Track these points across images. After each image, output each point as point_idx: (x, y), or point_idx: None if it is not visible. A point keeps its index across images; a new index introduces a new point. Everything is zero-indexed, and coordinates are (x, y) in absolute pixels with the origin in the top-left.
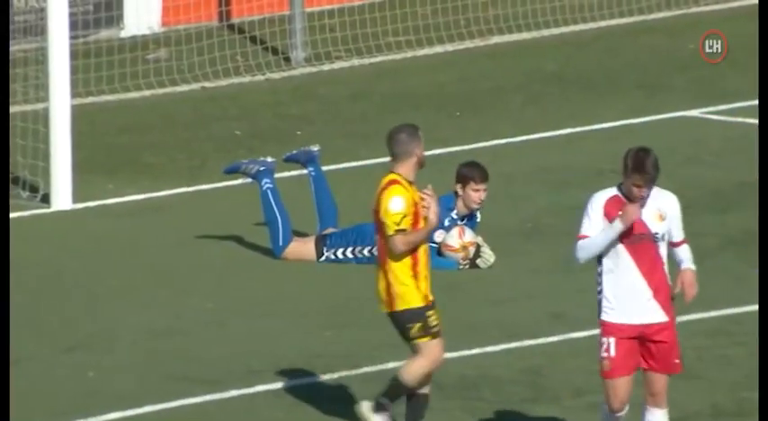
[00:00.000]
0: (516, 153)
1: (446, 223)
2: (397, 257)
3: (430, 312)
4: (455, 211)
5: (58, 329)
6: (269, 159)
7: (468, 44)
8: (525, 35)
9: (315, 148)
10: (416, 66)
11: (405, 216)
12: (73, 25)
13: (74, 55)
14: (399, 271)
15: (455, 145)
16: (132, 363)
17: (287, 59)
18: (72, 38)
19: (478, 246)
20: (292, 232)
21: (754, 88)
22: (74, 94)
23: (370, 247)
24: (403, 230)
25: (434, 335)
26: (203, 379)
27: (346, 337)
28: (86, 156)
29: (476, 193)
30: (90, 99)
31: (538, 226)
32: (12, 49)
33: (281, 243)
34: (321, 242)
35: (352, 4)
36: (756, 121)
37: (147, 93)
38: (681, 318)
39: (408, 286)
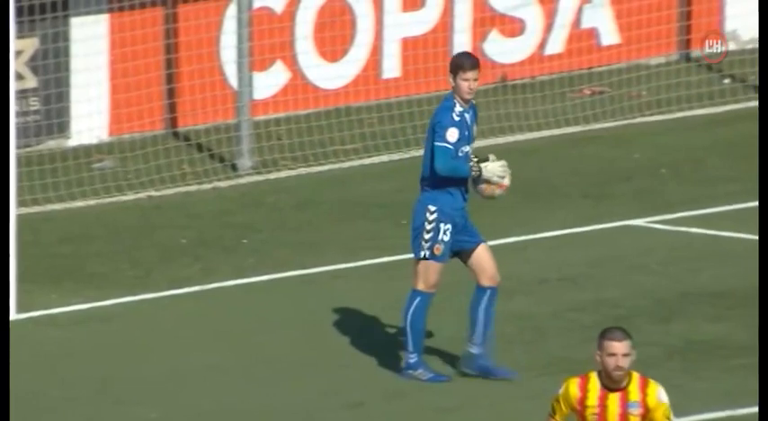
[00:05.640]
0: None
1: (455, 119)
2: None
3: None
4: (457, 109)
5: None
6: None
7: (413, 152)
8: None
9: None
10: (363, 174)
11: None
12: (19, 133)
13: (19, 162)
14: None
15: (401, 253)
16: None
17: (233, 167)
18: (18, 146)
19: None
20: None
21: (697, 198)
22: (19, 203)
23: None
24: None
25: None
26: None
27: None
28: (29, 265)
29: (465, 83)
30: (35, 208)
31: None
32: None
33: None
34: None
35: (297, 113)
36: (699, 230)
37: (92, 201)
38: None
39: None
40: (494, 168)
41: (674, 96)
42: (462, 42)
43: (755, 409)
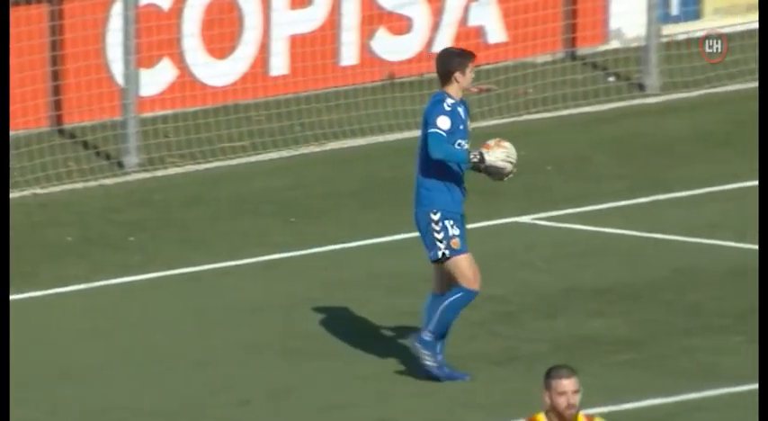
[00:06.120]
0: (352, 258)
1: (447, 109)
2: None
3: None
4: (449, 101)
5: None
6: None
7: (303, 150)
8: (360, 141)
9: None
10: (252, 171)
11: None
12: None
13: None
14: None
15: (291, 250)
16: None
17: (120, 165)
18: None
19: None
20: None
21: (583, 195)
22: None
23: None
24: None
25: None
26: None
27: None
28: None
29: (471, 74)
30: None
31: (373, 331)
32: None
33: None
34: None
35: (185, 110)
36: (585, 227)
37: None
38: None
39: None
40: (497, 154)
41: (560, 94)
42: (350, 40)
43: (638, 404)
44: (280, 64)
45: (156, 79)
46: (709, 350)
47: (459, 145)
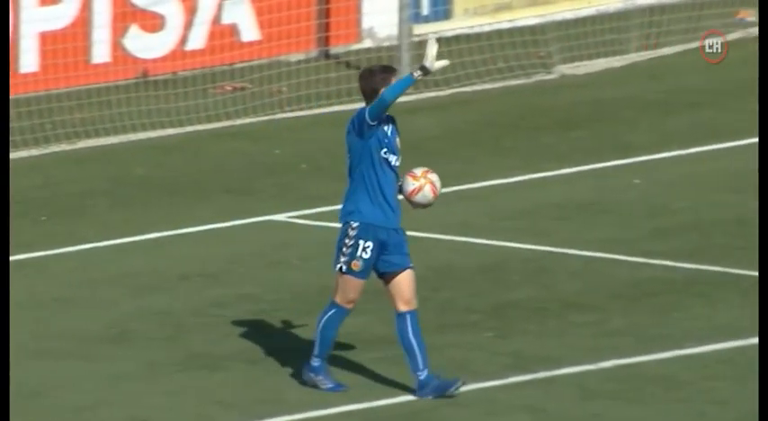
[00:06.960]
0: (102, 257)
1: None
2: None
3: None
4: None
5: None
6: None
7: (53, 148)
8: (112, 139)
9: None
10: None
11: None
12: None
13: None
14: None
15: (40, 250)
16: None
17: None
18: None
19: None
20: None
21: (337, 193)
22: None
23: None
24: None
25: None
26: None
27: None
28: None
29: None
30: None
31: (123, 331)
32: None
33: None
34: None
35: None
36: (338, 225)
37: None
38: None
39: None
40: (425, 193)
41: (314, 93)
42: (102, 38)
43: (390, 401)
44: (29, 61)
45: None
46: (460, 346)
47: (386, 154)
